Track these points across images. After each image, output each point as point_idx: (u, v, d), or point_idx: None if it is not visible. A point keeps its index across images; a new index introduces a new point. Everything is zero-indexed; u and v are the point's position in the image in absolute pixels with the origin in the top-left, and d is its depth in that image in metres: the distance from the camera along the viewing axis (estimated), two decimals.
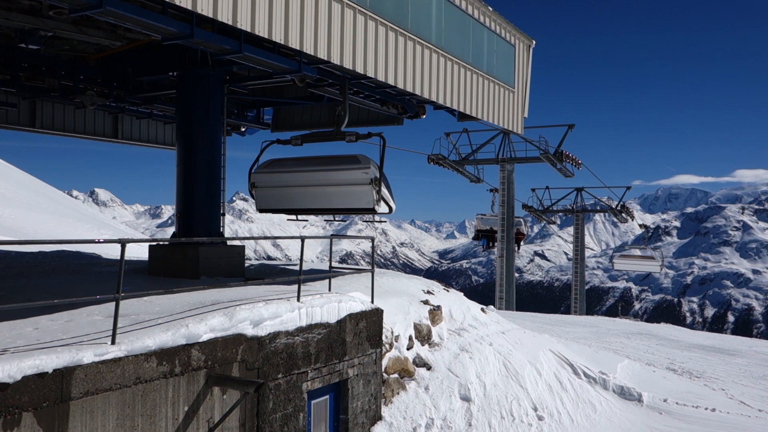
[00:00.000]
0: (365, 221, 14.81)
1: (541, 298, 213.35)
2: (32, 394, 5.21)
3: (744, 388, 15.58)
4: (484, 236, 25.06)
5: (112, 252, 19.29)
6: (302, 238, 8.97)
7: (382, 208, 12.66)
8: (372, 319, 9.76)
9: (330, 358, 8.76)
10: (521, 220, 22.27)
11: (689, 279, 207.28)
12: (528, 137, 33.74)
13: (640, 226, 50.27)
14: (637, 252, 39.36)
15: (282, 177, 13.25)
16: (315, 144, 14.03)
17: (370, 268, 10.76)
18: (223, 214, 13.12)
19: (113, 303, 6.17)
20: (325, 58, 10.15)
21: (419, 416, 10.21)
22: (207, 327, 6.90)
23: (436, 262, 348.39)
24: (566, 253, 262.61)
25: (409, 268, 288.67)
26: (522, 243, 23.22)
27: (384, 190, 12.44)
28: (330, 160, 13.09)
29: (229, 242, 13.84)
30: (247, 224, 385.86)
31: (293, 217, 14.53)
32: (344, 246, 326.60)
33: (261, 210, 14.42)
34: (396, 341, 11.08)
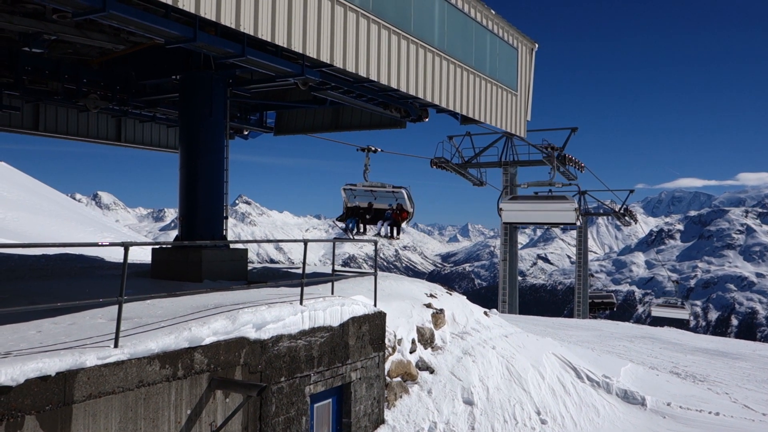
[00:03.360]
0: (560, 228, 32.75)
1: (544, 301, 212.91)
2: (35, 397, 5.21)
3: (748, 391, 15.50)
4: (353, 216, 17.46)
5: (115, 255, 19.31)
6: (305, 242, 8.96)
7: (578, 222, 24.65)
8: (375, 323, 9.74)
9: (333, 362, 8.75)
10: (403, 191, 16.09)
11: (693, 282, 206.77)
12: (531, 140, 34.03)
13: (673, 281, 66.90)
14: (669, 304, 51.51)
15: (520, 206, 24.93)
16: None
17: (372, 271, 10.74)
18: (226, 218, 13.15)
19: (116, 306, 6.17)
20: (328, 62, 10.16)
21: (422, 420, 10.18)
22: (210, 330, 6.89)
23: (439, 265, 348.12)
24: (569, 257, 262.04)
25: (411, 272, 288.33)
26: (406, 224, 16.70)
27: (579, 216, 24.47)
28: (551, 198, 25.90)
29: (231, 245, 13.86)
30: (249, 227, 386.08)
31: (525, 225, 32.12)
32: (347, 249, 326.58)
33: (506, 223, 25.78)
34: (399, 344, 11.06)
